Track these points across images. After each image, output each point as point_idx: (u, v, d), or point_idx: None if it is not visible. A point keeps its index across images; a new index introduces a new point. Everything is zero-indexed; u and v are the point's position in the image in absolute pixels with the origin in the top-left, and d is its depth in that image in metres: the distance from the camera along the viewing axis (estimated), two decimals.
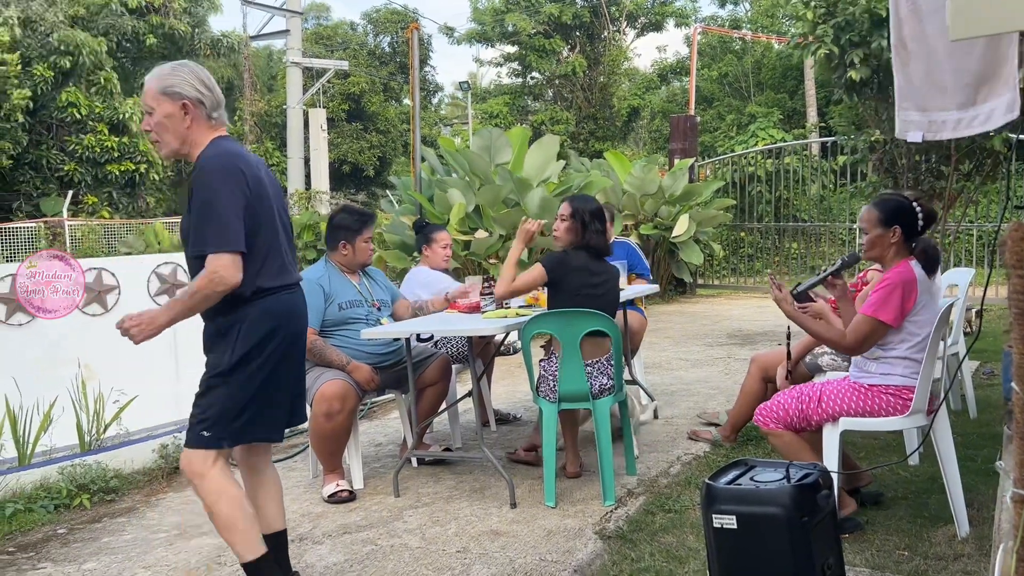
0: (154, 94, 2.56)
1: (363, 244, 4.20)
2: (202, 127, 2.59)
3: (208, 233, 2.46)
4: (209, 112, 2.60)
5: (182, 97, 2.56)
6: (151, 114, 2.57)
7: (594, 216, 3.80)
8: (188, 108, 2.56)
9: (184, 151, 2.62)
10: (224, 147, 2.57)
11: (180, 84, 2.57)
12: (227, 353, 2.55)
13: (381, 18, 24.54)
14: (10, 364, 4.71)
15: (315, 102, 19.18)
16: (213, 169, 2.50)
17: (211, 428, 2.57)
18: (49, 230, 13.22)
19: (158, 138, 2.60)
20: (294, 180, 18.37)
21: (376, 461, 4.55)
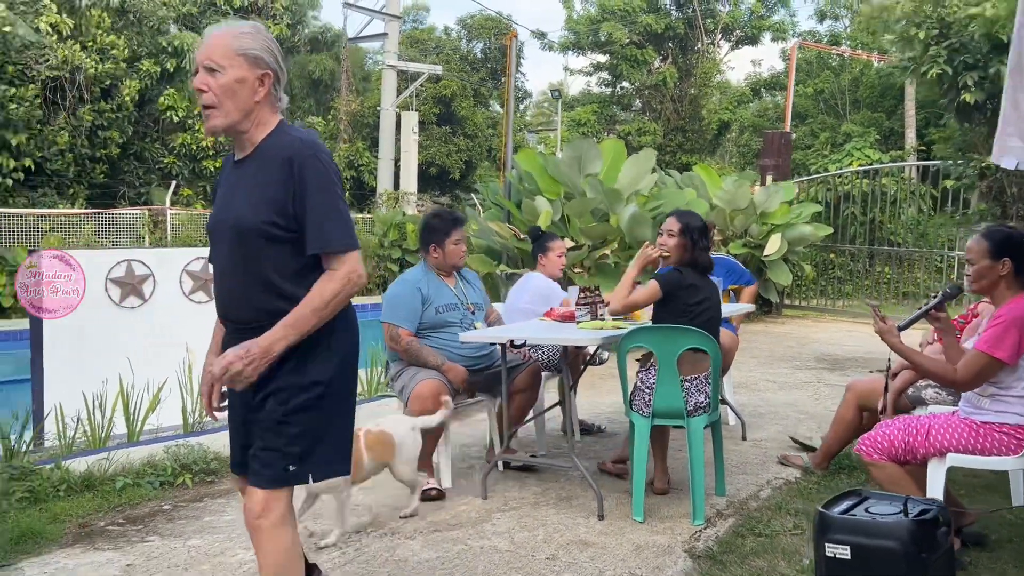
0: (227, 51, 2.15)
1: (452, 246, 4.28)
2: (269, 106, 2.23)
3: (333, 228, 2.13)
4: (279, 91, 2.26)
5: (264, 66, 2.19)
6: (215, 73, 2.14)
7: (702, 233, 3.80)
8: (266, 80, 2.19)
9: (242, 128, 2.20)
10: (304, 132, 2.26)
11: (263, 50, 2.19)
12: (321, 368, 2.19)
13: (475, 24, 24.87)
14: (123, 345, 4.97)
15: (408, 105, 19.55)
16: (325, 158, 2.18)
17: (300, 461, 2.19)
18: (152, 218, 13.84)
19: (216, 103, 2.15)
20: (383, 180, 18.74)
21: (462, 462, 4.62)
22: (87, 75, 13.49)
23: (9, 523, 3.47)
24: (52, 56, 13.11)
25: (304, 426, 2.18)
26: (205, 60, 2.15)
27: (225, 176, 2.34)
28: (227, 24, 2.24)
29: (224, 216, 2.24)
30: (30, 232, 12.51)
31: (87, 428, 4.40)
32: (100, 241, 12.66)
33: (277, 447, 2.17)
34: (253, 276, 2.18)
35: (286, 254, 2.16)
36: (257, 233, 2.15)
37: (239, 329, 2.23)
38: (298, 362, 2.18)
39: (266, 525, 2.17)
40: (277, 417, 2.17)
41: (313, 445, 2.20)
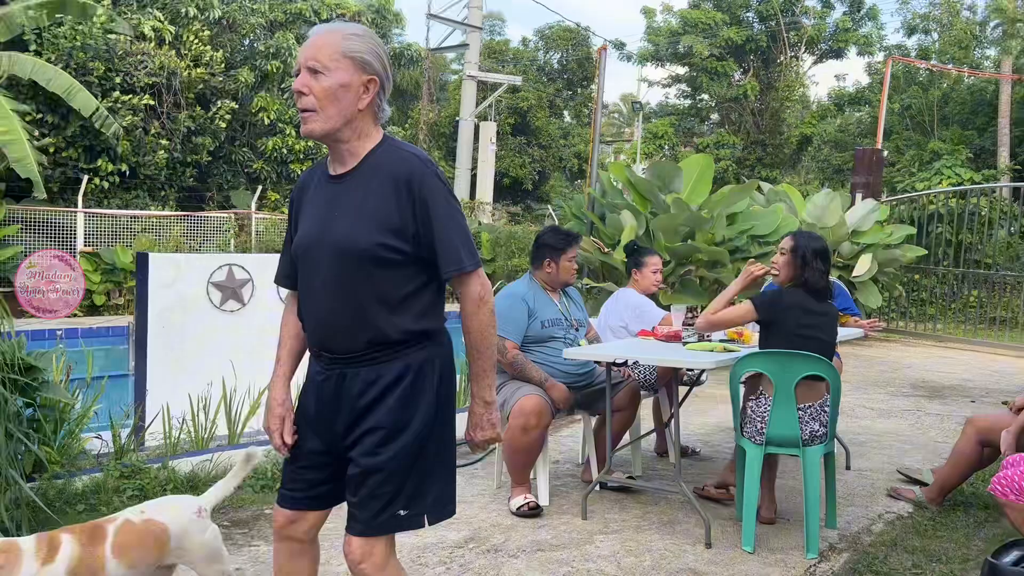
0: (334, 52, 1.98)
1: (567, 263, 4.25)
2: (372, 116, 2.05)
3: (462, 248, 2.01)
4: (383, 102, 2.08)
5: (371, 71, 2.02)
6: (319, 75, 1.98)
7: (817, 255, 3.65)
8: (372, 87, 2.02)
9: (342, 136, 2.03)
10: (413, 147, 2.10)
11: (370, 54, 2.02)
12: (425, 402, 2.04)
13: (553, 35, 24.90)
14: (226, 348, 5.05)
15: (486, 115, 19.66)
16: (442, 175, 2.05)
17: (411, 503, 2.02)
18: (238, 221, 14.18)
19: (317, 107, 1.98)
20: (460, 190, 18.87)
21: (556, 479, 4.55)
22: (182, 81, 13.92)
23: None
24: (150, 62, 13.58)
25: (414, 463, 2.02)
26: (310, 60, 1.99)
27: (316, 191, 2.12)
28: (336, 24, 2.08)
29: (322, 236, 2.04)
30: (123, 232, 12.96)
31: (191, 429, 4.48)
32: (188, 243, 13.03)
33: (383, 493, 1.99)
34: (359, 303, 1.99)
35: (397, 279, 2.00)
36: (367, 256, 1.97)
37: (336, 361, 2.05)
38: (401, 395, 2.01)
39: (370, 569, 2.03)
40: (384, 457, 2.00)
41: (424, 483, 2.03)
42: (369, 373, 2.01)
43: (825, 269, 3.67)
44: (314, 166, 2.21)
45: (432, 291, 2.06)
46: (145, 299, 4.96)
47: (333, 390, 2.06)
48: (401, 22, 19.84)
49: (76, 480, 3.72)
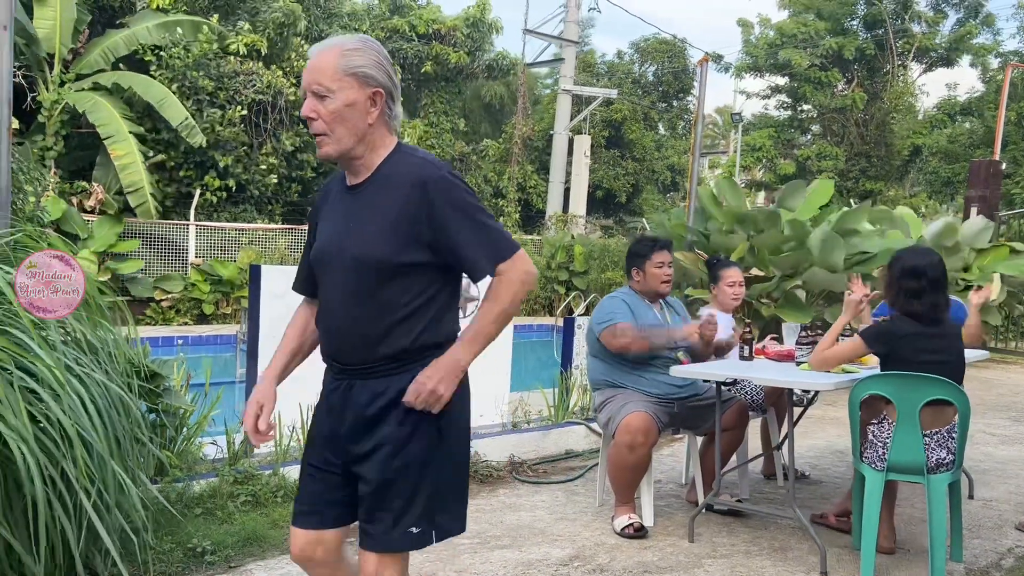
0: (335, 73, 1.94)
1: (654, 269, 4.17)
2: (384, 126, 2.02)
3: (491, 245, 1.95)
4: (394, 109, 2.04)
5: (375, 84, 1.97)
6: (324, 98, 1.95)
7: (906, 273, 3.40)
8: (378, 99, 1.98)
9: (357, 153, 2.00)
10: (424, 152, 2.07)
11: (372, 66, 1.97)
12: (425, 423, 1.98)
13: (649, 47, 24.73)
14: None
15: (580, 128, 19.65)
16: (457, 175, 2.00)
17: (422, 519, 1.98)
18: None
19: (327, 131, 1.96)
20: (553, 203, 18.91)
21: (658, 499, 4.46)
22: (287, 99, 14.44)
23: (236, 524, 3.64)
24: (258, 80, 14.14)
25: (425, 476, 1.97)
26: (313, 85, 1.96)
27: (334, 202, 2.11)
28: (332, 40, 2.01)
29: (338, 247, 2.02)
30: (230, 245, 13.51)
31: (300, 437, 4.59)
32: (292, 254, 13.46)
33: (393, 508, 1.96)
34: (374, 313, 1.97)
35: (411, 288, 1.97)
36: (382, 266, 1.95)
37: (346, 371, 2.03)
38: (409, 408, 1.96)
39: None
40: (392, 471, 1.96)
41: (436, 501, 1.99)
42: (378, 384, 1.98)
43: (920, 289, 3.41)
44: (334, 176, 2.19)
45: (446, 296, 2.03)
46: (257, 309, 5.12)
47: (341, 400, 2.04)
48: (498, 30, 20.03)
49: (195, 484, 3.85)
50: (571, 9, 18.77)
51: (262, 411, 2.12)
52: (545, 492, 4.57)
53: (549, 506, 4.31)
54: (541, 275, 16.26)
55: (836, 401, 6.71)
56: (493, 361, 6.09)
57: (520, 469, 4.91)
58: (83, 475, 2.62)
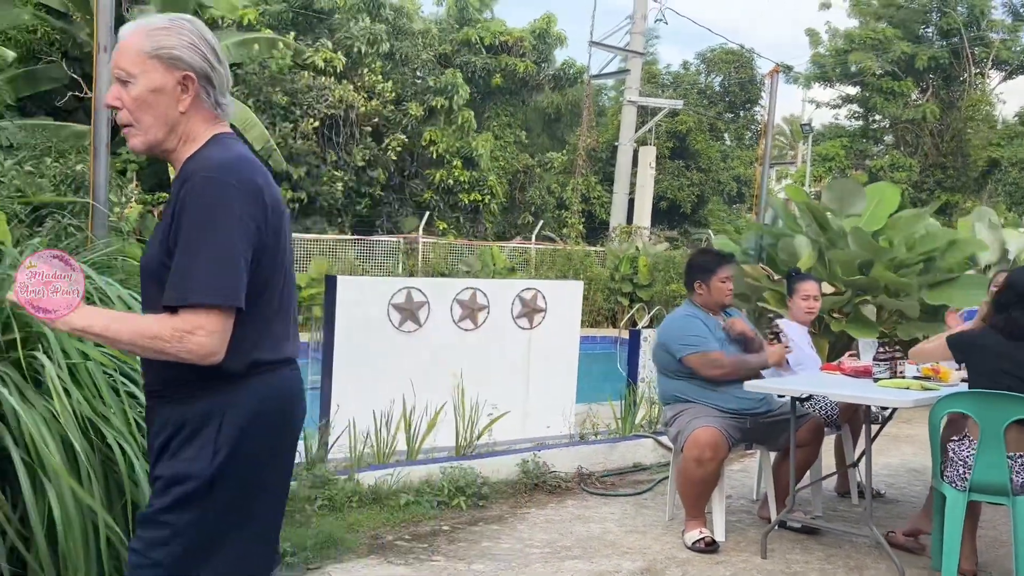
0: (138, 55, 1.74)
1: (719, 284, 4.16)
2: (202, 115, 1.80)
3: (196, 276, 1.64)
4: (216, 96, 1.81)
5: (183, 66, 1.75)
6: (128, 84, 1.75)
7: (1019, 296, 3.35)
8: (189, 85, 1.76)
9: (168, 145, 1.79)
10: (235, 151, 1.78)
11: (182, 47, 1.75)
12: (200, 458, 1.73)
13: (715, 58, 24.53)
14: (404, 367, 5.28)
15: (646, 139, 19.60)
16: (221, 181, 1.69)
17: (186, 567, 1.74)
18: (407, 245, 14.83)
19: (132, 120, 1.76)
20: (616, 214, 18.87)
21: (730, 514, 4.42)
22: (359, 113, 14.79)
23: (314, 528, 3.76)
24: (330, 95, 14.52)
25: (171, 530, 1.72)
26: (116, 70, 1.76)
27: None
28: (141, 20, 1.80)
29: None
30: (301, 255, 13.86)
31: (374, 444, 4.71)
32: (360, 265, 13.75)
33: (134, 558, 1.76)
34: None
35: None
36: (152, 278, 1.76)
37: (146, 392, 1.84)
38: (181, 443, 1.74)
39: None
40: (153, 511, 1.75)
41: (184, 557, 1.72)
42: (165, 411, 1.77)
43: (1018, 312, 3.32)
44: None
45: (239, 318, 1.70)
46: (332, 318, 5.27)
47: (147, 421, 1.87)
48: (563, 42, 20.13)
49: None
50: (637, 21, 18.76)
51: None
52: (614, 504, 4.58)
53: (619, 518, 4.33)
54: (604, 286, 16.24)
55: (912, 419, 6.54)
56: (559, 372, 6.14)
57: (588, 481, 4.93)
58: None
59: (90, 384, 2.63)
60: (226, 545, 1.76)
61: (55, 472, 2.42)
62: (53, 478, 2.44)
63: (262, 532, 1.84)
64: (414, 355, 5.49)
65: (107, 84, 4.07)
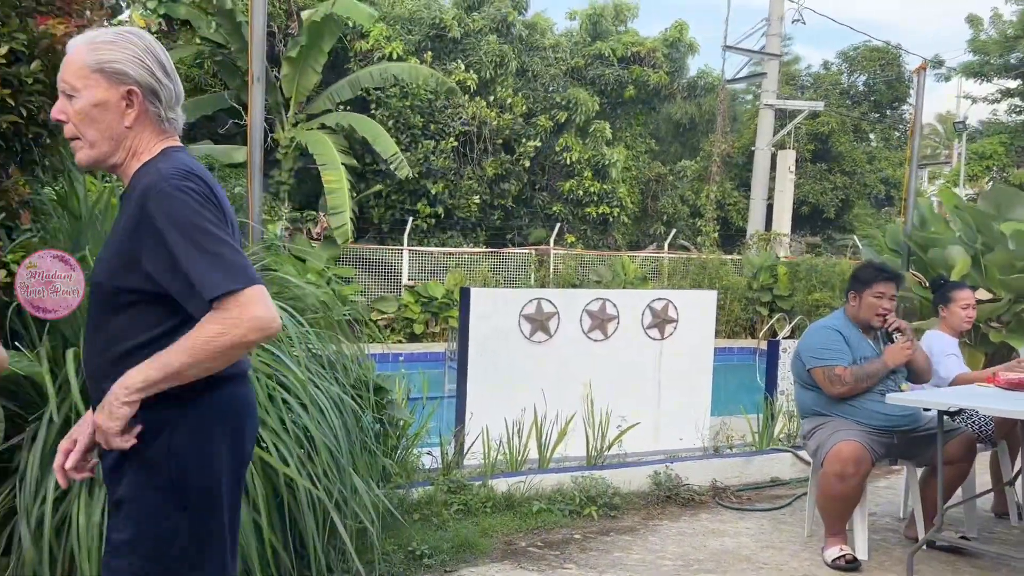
0: (81, 69, 1.74)
1: (871, 299, 4.00)
2: (149, 130, 1.79)
3: (213, 272, 1.63)
4: (164, 110, 1.80)
5: (128, 81, 1.74)
6: (72, 98, 1.74)
7: None
8: (135, 99, 1.76)
9: (115, 160, 1.79)
10: (185, 160, 1.78)
11: (127, 61, 1.74)
12: (152, 475, 1.73)
13: (859, 56, 23.43)
14: (534, 377, 5.38)
15: (784, 143, 18.98)
16: (183, 189, 1.68)
17: None
18: (538, 256, 15.01)
19: (78, 134, 1.76)
20: (754, 221, 18.35)
21: (874, 532, 4.24)
22: (491, 129, 15.16)
23: (450, 531, 3.90)
24: (464, 112, 14.97)
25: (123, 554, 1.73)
26: (61, 83, 1.76)
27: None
28: (87, 34, 1.80)
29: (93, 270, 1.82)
30: (438, 268, 14.32)
31: (506, 451, 4.82)
32: (494, 276, 14.04)
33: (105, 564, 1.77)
34: (101, 347, 1.77)
35: (136, 324, 1.72)
36: (107, 293, 1.74)
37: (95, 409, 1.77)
38: (130, 463, 1.73)
39: None
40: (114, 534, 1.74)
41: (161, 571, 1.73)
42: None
43: None
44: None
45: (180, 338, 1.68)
46: (466, 329, 5.44)
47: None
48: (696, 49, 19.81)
49: (413, 491, 4.16)
50: (773, 22, 18.22)
51: (74, 446, 1.79)
52: (750, 519, 4.49)
53: (754, 533, 4.24)
54: (742, 296, 15.83)
55: None
56: (692, 383, 6.06)
57: (723, 494, 4.85)
58: (326, 477, 2.95)
59: None
60: (184, 561, 1.75)
61: None
62: None
63: (218, 547, 1.81)
64: (544, 365, 5.57)
65: (260, 112, 4.41)
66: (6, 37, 2.86)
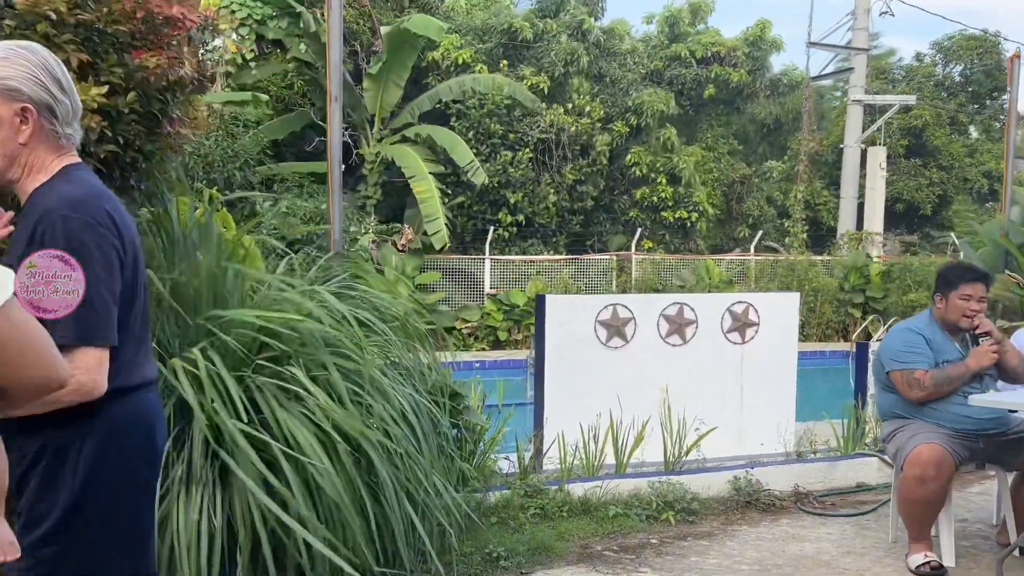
0: None
1: (958, 300, 3.88)
2: (46, 146, 1.80)
3: (68, 319, 1.67)
4: (60, 126, 1.81)
5: (22, 98, 1.75)
6: None
7: None
8: (29, 116, 1.77)
9: (12, 176, 1.80)
10: (87, 184, 1.80)
11: (20, 78, 1.75)
12: (60, 491, 1.74)
13: (955, 46, 22.44)
14: (610, 382, 5.41)
15: (874, 139, 18.37)
16: (78, 220, 1.71)
17: None
18: (619, 262, 14.98)
19: None
20: (845, 220, 17.82)
21: (964, 539, 4.11)
22: (569, 135, 15.23)
23: (526, 535, 3.98)
24: (542, 120, 15.09)
25: (34, 567, 1.72)
26: None
27: None
28: None
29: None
30: (520, 276, 14.45)
31: (583, 456, 4.87)
32: (575, 283, 14.08)
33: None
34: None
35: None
36: None
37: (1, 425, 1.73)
38: (40, 479, 1.74)
39: None
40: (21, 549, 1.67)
41: None
42: (22, 442, 1.74)
43: None
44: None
45: None
46: (543, 335, 5.52)
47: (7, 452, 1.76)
48: (779, 47, 19.35)
49: (490, 495, 4.26)
50: (859, 16, 17.67)
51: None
52: (832, 525, 4.41)
53: (836, 539, 4.17)
54: (833, 297, 15.38)
55: None
56: (775, 387, 5.97)
57: (805, 500, 4.78)
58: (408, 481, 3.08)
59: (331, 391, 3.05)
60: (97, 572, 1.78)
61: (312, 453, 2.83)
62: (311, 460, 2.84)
63: (133, 556, 1.84)
64: (621, 370, 5.59)
65: (339, 129, 4.61)
66: (105, 71, 3.11)
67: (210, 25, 3.48)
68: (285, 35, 13.60)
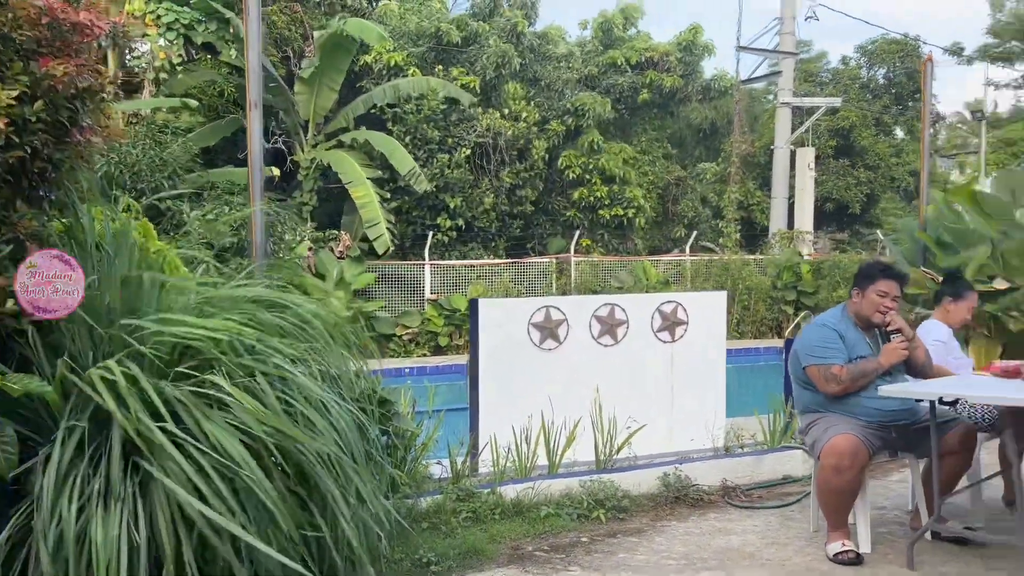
0: None
1: (874, 296, 4.02)
2: None
3: None
4: None
5: None
6: None
7: None
8: None
9: None
10: None
11: None
12: None
13: (877, 49, 23.21)
14: (543, 384, 5.46)
15: (803, 140, 18.89)
16: None
17: None
18: (558, 265, 15.09)
19: None
20: (776, 220, 18.27)
21: (881, 526, 4.25)
22: (506, 139, 15.30)
23: (458, 539, 3.98)
24: (478, 124, 15.14)
25: None
26: None
27: None
28: None
29: None
30: (460, 281, 14.45)
31: (515, 458, 4.90)
32: (515, 287, 14.14)
33: None
34: None
35: None
36: None
37: None
38: None
39: None
40: None
41: None
42: None
43: None
44: None
45: None
46: (477, 340, 5.54)
47: None
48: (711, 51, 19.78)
49: (422, 501, 4.26)
50: (786, 21, 18.17)
51: None
52: (758, 517, 4.52)
53: (761, 531, 4.27)
54: (767, 295, 15.76)
55: None
56: (704, 385, 6.10)
57: (733, 494, 4.89)
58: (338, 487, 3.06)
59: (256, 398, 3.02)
60: None
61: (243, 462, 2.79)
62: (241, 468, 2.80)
63: None
64: (555, 372, 5.65)
65: (259, 137, 4.56)
66: (11, 80, 3.03)
67: (121, 32, 3.41)
68: (215, 38, 13.37)
